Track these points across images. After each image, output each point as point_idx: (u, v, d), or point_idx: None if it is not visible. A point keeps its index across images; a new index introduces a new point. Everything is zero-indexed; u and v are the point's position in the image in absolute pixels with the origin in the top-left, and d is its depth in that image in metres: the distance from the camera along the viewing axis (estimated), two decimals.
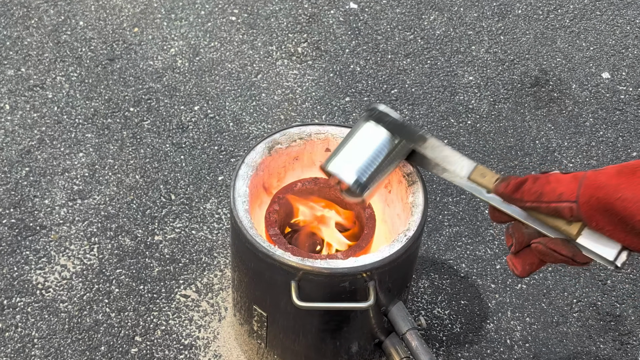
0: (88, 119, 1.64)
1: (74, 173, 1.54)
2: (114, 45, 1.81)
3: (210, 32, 1.86)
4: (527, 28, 1.95)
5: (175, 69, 1.77)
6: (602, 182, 0.75)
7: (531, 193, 0.80)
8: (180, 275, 1.39)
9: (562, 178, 0.79)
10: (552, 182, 0.79)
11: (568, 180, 0.78)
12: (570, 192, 0.77)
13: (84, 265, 1.39)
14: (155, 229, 1.45)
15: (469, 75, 1.82)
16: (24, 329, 1.29)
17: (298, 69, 1.79)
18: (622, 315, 1.39)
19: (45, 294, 1.34)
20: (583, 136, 1.70)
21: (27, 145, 1.58)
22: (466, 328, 1.35)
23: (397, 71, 1.81)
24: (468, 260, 1.45)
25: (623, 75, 1.85)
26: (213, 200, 1.51)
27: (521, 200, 0.81)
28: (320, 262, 1.01)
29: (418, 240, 1.06)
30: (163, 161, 1.57)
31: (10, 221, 1.44)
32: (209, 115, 1.68)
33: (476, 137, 1.68)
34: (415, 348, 1.06)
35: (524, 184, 0.81)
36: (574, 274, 1.44)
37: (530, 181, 0.81)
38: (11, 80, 1.71)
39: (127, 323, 1.31)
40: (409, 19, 1.94)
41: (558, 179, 0.79)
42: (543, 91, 1.80)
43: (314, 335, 1.12)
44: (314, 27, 1.90)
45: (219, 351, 1.29)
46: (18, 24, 1.84)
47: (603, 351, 1.33)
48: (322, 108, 1.71)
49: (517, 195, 0.81)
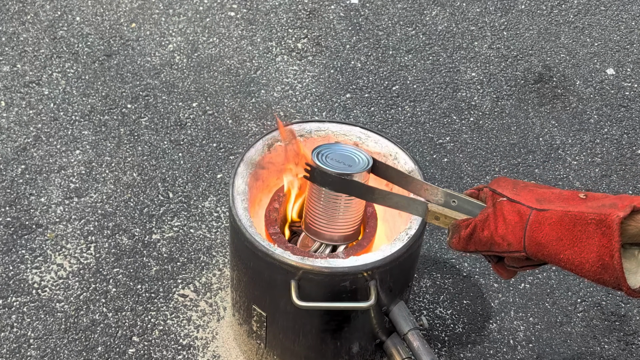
0: (85, 115, 1.62)
1: (71, 171, 1.52)
2: (111, 41, 1.79)
3: (209, 28, 1.84)
4: (531, 23, 1.93)
5: (174, 65, 1.75)
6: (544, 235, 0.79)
7: (482, 244, 0.84)
8: (179, 274, 1.37)
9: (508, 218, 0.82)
10: (500, 227, 0.82)
11: (514, 223, 0.81)
12: (518, 242, 0.81)
13: (80, 264, 1.37)
14: (153, 228, 1.43)
15: (472, 71, 1.80)
16: (19, 329, 1.28)
17: (298, 65, 1.78)
18: (627, 315, 1.37)
19: (42, 294, 1.33)
20: (587, 133, 1.68)
21: (23, 143, 1.56)
22: (469, 328, 1.33)
23: (399, 67, 1.79)
24: (470, 260, 1.43)
25: (628, 71, 1.83)
26: (212, 198, 1.49)
27: (476, 250, 0.86)
28: (320, 261, 1.00)
29: (420, 239, 1.05)
30: (161, 159, 1.56)
31: (5, 219, 1.43)
32: (207, 112, 1.66)
33: (479, 134, 1.66)
34: (417, 348, 1.05)
35: (474, 234, 0.85)
36: None
37: (479, 229, 0.84)
38: (7, 77, 1.69)
39: (125, 323, 1.30)
40: (410, 14, 1.93)
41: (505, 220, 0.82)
42: (547, 87, 1.78)
43: (314, 335, 1.10)
44: (314, 23, 1.88)
45: (218, 351, 1.28)
46: (14, 19, 1.82)
47: (608, 352, 1.32)
48: (322, 105, 1.69)
49: (471, 248, 0.86)
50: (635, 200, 0.75)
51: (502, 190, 0.85)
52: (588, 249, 0.75)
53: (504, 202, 0.83)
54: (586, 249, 0.75)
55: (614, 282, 0.75)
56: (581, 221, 0.76)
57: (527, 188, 0.84)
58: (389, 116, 1.69)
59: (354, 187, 0.96)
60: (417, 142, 1.64)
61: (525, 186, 0.85)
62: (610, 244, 0.74)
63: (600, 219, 0.74)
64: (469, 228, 0.85)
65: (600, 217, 0.74)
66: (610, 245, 0.74)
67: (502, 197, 0.84)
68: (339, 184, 0.96)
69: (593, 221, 0.75)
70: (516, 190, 0.84)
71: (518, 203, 0.82)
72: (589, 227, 0.75)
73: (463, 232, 0.86)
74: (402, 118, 1.68)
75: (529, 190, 0.84)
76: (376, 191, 0.93)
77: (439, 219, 0.91)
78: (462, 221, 0.87)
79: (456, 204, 0.91)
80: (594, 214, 0.75)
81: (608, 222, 0.74)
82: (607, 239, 0.74)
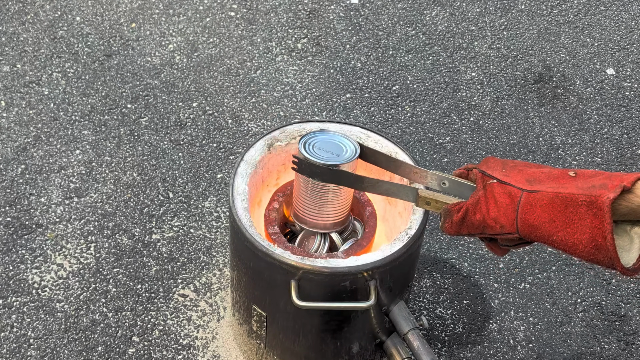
0: (85, 115, 1.62)
1: (71, 171, 1.52)
2: (111, 41, 1.79)
3: (209, 28, 1.84)
4: (531, 23, 1.93)
5: (174, 65, 1.75)
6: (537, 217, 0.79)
7: (475, 227, 0.84)
8: (179, 274, 1.37)
9: (499, 200, 0.81)
10: (492, 210, 0.82)
11: (505, 205, 0.81)
12: (510, 223, 0.81)
13: (80, 264, 1.37)
14: (153, 228, 1.43)
15: (472, 71, 1.80)
16: (19, 329, 1.28)
17: (298, 65, 1.78)
18: (627, 315, 1.37)
19: (42, 294, 1.33)
20: (587, 133, 1.68)
21: (23, 143, 1.56)
22: (469, 328, 1.33)
23: (399, 67, 1.79)
24: (470, 259, 1.43)
25: (628, 71, 1.83)
26: (212, 198, 1.49)
27: (469, 234, 0.86)
28: (320, 261, 0.99)
29: (420, 239, 1.05)
30: (161, 158, 1.56)
31: (5, 219, 1.43)
32: (207, 112, 1.66)
33: (479, 134, 1.66)
34: (417, 348, 1.05)
35: (466, 218, 0.85)
36: (578, 274, 1.43)
37: (470, 212, 0.84)
38: (7, 77, 1.69)
39: (125, 323, 1.30)
40: (410, 14, 1.93)
41: (496, 202, 0.82)
42: (547, 87, 1.78)
43: (314, 335, 1.10)
44: (314, 23, 1.88)
45: (218, 351, 1.28)
46: (14, 19, 1.82)
47: (608, 351, 1.32)
48: (322, 105, 1.69)
49: (464, 231, 0.86)
50: (625, 179, 0.75)
51: (491, 171, 0.85)
52: (581, 230, 0.75)
53: (494, 185, 0.83)
54: (579, 230, 0.76)
55: (608, 262, 0.75)
56: (572, 202, 0.76)
57: (516, 168, 0.84)
58: (389, 116, 1.69)
59: (343, 177, 0.96)
60: (417, 142, 1.64)
61: (514, 166, 0.85)
62: (602, 226, 0.74)
63: (591, 201, 0.74)
64: (460, 212, 0.85)
65: (591, 198, 0.74)
66: (603, 227, 0.74)
67: (492, 179, 0.84)
68: (327, 174, 0.96)
69: (584, 203, 0.75)
70: (505, 171, 0.84)
71: (508, 185, 0.81)
72: (580, 209, 0.75)
73: (455, 216, 0.85)
74: (402, 118, 1.68)
75: (518, 170, 0.83)
76: (365, 180, 0.93)
77: (430, 204, 0.91)
78: (454, 205, 0.87)
79: (447, 186, 0.91)
80: (584, 195, 0.75)
81: (599, 203, 0.74)
82: (599, 221, 0.74)
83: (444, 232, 0.89)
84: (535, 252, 1.45)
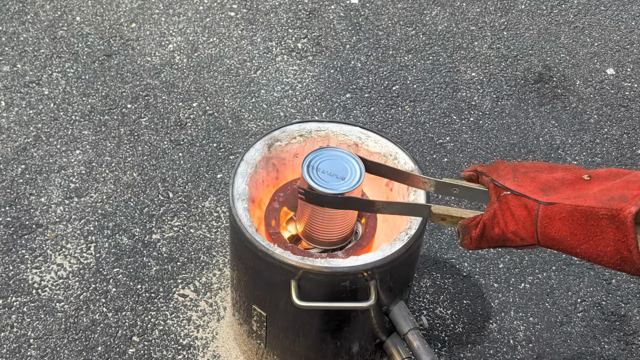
0: (85, 115, 1.62)
1: (71, 170, 1.52)
2: (111, 41, 1.79)
3: (209, 28, 1.84)
4: (531, 23, 1.93)
5: (174, 65, 1.75)
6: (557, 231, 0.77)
7: (494, 241, 0.83)
8: (179, 274, 1.37)
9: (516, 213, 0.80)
10: (510, 224, 0.81)
11: (523, 218, 0.80)
12: (530, 236, 0.80)
13: (80, 264, 1.37)
14: (153, 228, 1.43)
15: (472, 71, 1.80)
16: (19, 329, 1.28)
17: (298, 65, 1.77)
18: (627, 315, 1.37)
19: (42, 294, 1.32)
20: (587, 133, 1.68)
21: (23, 143, 1.56)
22: (469, 328, 1.33)
23: (399, 67, 1.79)
24: (470, 259, 1.43)
25: (628, 71, 1.83)
26: (212, 198, 1.49)
27: (489, 247, 0.84)
28: (320, 261, 0.99)
29: (420, 239, 1.05)
30: (161, 158, 1.56)
31: (5, 219, 1.43)
32: (207, 112, 1.66)
33: (479, 134, 1.66)
34: (417, 348, 1.05)
35: (484, 234, 0.83)
36: (578, 274, 1.43)
37: (488, 227, 0.83)
38: (7, 77, 1.69)
39: (125, 323, 1.30)
40: (410, 14, 1.93)
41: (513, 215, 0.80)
42: (547, 87, 1.78)
43: (314, 335, 1.10)
44: (314, 23, 1.88)
45: (218, 351, 1.27)
46: (14, 19, 1.82)
47: (607, 351, 1.32)
48: (322, 105, 1.69)
49: (484, 245, 0.84)
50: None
51: (503, 180, 0.83)
52: (604, 243, 0.74)
53: (508, 197, 0.81)
54: (602, 242, 0.74)
55: (636, 272, 0.74)
56: (593, 216, 0.75)
57: (528, 175, 0.82)
58: (389, 116, 1.68)
59: (353, 203, 0.95)
60: (417, 142, 1.64)
61: (526, 173, 0.83)
62: (626, 240, 0.73)
63: (612, 215, 0.73)
64: (478, 228, 0.83)
65: (612, 212, 0.73)
66: (627, 241, 0.73)
67: (505, 191, 0.82)
68: (337, 202, 0.95)
69: (605, 217, 0.74)
70: (517, 180, 0.82)
71: (523, 196, 0.80)
72: (602, 222, 0.74)
73: (473, 232, 0.84)
74: (402, 118, 1.68)
75: (531, 178, 0.82)
76: (376, 203, 0.92)
77: (445, 219, 0.89)
78: (470, 221, 0.85)
79: (457, 192, 0.89)
80: (604, 209, 0.74)
81: (621, 217, 0.73)
82: (622, 234, 0.73)
83: (463, 247, 0.87)
84: (535, 252, 1.45)
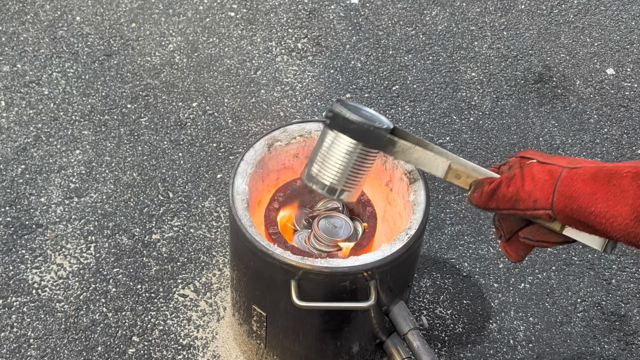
0: (85, 115, 1.62)
1: (71, 171, 1.52)
2: (111, 41, 1.79)
3: (208, 28, 1.84)
4: (531, 23, 1.93)
5: (174, 65, 1.75)
6: (577, 189, 0.75)
7: (506, 200, 0.80)
8: (179, 274, 1.37)
9: (537, 176, 0.78)
10: (527, 184, 0.78)
11: (543, 181, 0.77)
12: (545, 197, 0.77)
13: (80, 264, 1.37)
14: (153, 228, 1.43)
15: (472, 71, 1.80)
16: (19, 329, 1.28)
17: (298, 65, 1.77)
18: (627, 315, 1.37)
19: (42, 294, 1.32)
20: (587, 133, 1.68)
21: (23, 143, 1.56)
22: (469, 328, 1.33)
23: (399, 67, 1.79)
24: (470, 259, 1.43)
25: (628, 71, 1.83)
26: (212, 198, 1.49)
27: (497, 208, 0.81)
28: (320, 261, 0.99)
29: (420, 239, 1.05)
30: (161, 158, 1.56)
31: (5, 219, 1.43)
32: (207, 112, 1.66)
33: (479, 134, 1.66)
34: (417, 348, 1.05)
35: (498, 190, 0.80)
36: (578, 273, 1.43)
37: (504, 185, 0.80)
38: (7, 77, 1.69)
39: (125, 323, 1.30)
40: (410, 14, 1.93)
41: (533, 178, 0.78)
42: (547, 87, 1.78)
43: (314, 335, 1.10)
44: (314, 23, 1.88)
45: (218, 351, 1.27)
46: (14, 19, 1.82)
47: (607, 351, 1.32)
48: (322, 105, 1.69)
49: (492, 204, 0.81)
50: None
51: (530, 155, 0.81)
52: (623, 202, 0.73)
53: (533, 164, 0.79)
54: (620, 202, 0.73)
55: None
56: (617, 175, 0.73)
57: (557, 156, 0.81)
58: (389, 116, 1.68)
59: (375, 137, 0.90)
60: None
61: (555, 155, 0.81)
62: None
63: (637, 172, 0.72)
64: (493, 184, 0.81)
65: (637, 169, 0.72)
66: None
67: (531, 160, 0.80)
68: (360, 132, 0.90)
69: (629, 174, 0.72)
70: (545, 157, 0.80)
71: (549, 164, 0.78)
72: (624, 181, 0.73)
73: (486, 187, 0.81)
74: (402, 118, 1.68)
75: (560, 157, 0.80)
76: (397, 144, 0.88)
77: (460, 178, 0.86)
78: (486, 178, 0.83)
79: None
80: (630, 167, 0.73)
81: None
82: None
83: (471, 203, 0.84)
84: (535, 252, 1.45)
